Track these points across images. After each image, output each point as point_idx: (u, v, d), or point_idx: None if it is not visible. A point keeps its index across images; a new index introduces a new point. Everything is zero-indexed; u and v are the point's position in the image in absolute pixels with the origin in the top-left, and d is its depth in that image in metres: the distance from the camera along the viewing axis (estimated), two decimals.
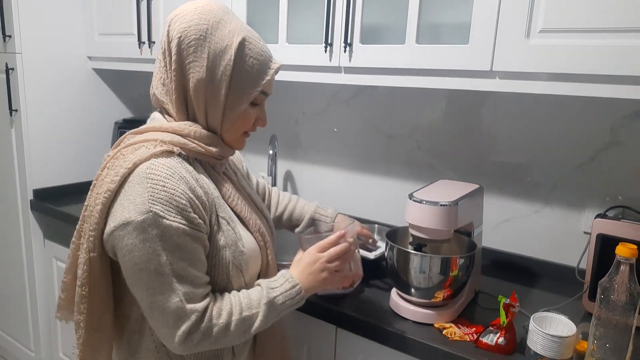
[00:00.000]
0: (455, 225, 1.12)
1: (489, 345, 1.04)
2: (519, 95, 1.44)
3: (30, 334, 2.20)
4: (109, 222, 0.84)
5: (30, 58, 1.92)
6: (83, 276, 0.89)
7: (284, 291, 0.93)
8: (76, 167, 2.15)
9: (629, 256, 0.91)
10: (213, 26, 0.88)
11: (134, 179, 0.83)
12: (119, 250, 0.84)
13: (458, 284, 1.14)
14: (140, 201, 0.81)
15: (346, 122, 1.80)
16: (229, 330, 0.88)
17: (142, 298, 0.85)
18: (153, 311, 0.85)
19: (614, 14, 1.00)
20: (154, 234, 0.81)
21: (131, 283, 0.86)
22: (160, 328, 0.86)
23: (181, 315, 0.84)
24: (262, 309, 0.90)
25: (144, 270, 0.82)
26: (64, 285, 0.98)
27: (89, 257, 0.88)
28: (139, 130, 0.92)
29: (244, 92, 0.91)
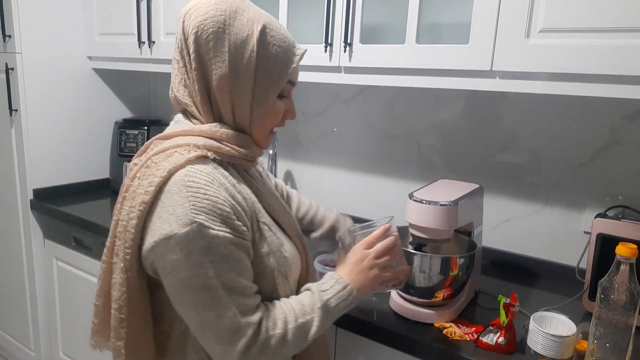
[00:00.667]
0: (455, 225, 1.12)
1: (489, 344, 1.04)
2: (519, 95, 1.44)
3: (30, 334, 2.20)
4: (148, 237, 0.78)
5: (30, 58, 1.92)
6: (121, 298, 0.82)
7: (335, 293, 0.88)
8: (76, 167, 2.15)
9: (629, 256, 0.91)
10: (231, 16, 0.82)
11: (171, 188, 0.77)
12: (160, 267, 0.78)
13: (458, 283, 1.14)
14: (182, 212, 0.75)
15: (346, 122, 1.80)
16: (287, 340, 0.83)
17: (191, 316, 0.79)
18: (205, 329, 0.78)
19: (614, 14, 1.00)
20: (199, 246, 0.75)
21: (177, 301, 0.80)
22: (214, 346, 0.79)
23: (236, 330, 0.78)
24: (317, 313, 0.85)
25: (190, 287, 0.76)
26: (97, 309, 0.90)
27: (126, 277, 0.81)
28: (167, 135, 0.86)
29: (271, 84, 0.85)
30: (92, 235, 1.83)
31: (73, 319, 2.01)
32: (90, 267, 1.87)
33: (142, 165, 0.82)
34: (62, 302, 2.04)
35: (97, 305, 0.90)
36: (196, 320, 0.79)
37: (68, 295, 2.00)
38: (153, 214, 0.77)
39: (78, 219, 1.85)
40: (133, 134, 2.11)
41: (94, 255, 1.85)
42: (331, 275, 0.92)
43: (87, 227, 1.82)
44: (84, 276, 1.90)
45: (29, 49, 1.91)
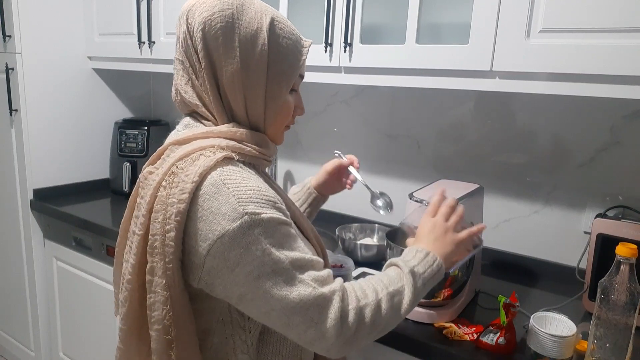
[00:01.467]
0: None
1: (489, 345, 1.04)
2: (519, 95, 1.44)
3: (30, 333, 2.20)
4: (199, 244, 0.72)
5: (30, 58, 1.92)
6: (166, 318, 0.75)
7: (420, 260, 0.84)
8: (76, 167, 2.15)
9: (629, 256, 0.91)
10: (238, 9, 0.78)
11: (208, 191, 0.73)
12: (221, 270, 0.72)
13: (458, 283, 1.14)
14: (229, 208, 0.71)
15: (346, 122, 1.80)
16: (381, 310, 0.77)
17: (269, 309, 0.73)
18: (290, 317, 0.73)
19: (614, 14, 1.00)
20: (256, 234, 0.71)
21: (250, 298, 0.73)
22: (306, 331, 0.73)
23: (322, 303, 0.73)
24: (408, 280, 0.80)
25: (262, 277, 0.72)
26: (123, 334, 0.82)
27: (169, 294, 0.74)
28: (184, 140, 0.81)
29: (284, 77, 0.82)
30: (92, 235, 1.83)
31: (73, 319, 2.01)
32: (90, 267, 1.87)
33: (166, 172, 0.76)
34: (62, 302, 2.04)
35: (123, 330, 0.82)
36: (277, 312, 0.73)
37: (68, 295, 2.00)
38: (194, 221, 0.73)
39: (78, 219, 1.85)
40: (133, 134, 2.11)
41: (94, 255, 1.85)
42: (409, 248, 0.88)
43: (87, 227, 1.82)
44: (84, 276, 1.90)
45: (29, 49, 1.91)
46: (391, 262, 0.87)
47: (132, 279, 0.78)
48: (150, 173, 0.80)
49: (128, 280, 0.78)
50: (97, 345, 1.93)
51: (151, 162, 0.83)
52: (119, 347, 0.84)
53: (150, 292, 0.76)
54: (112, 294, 1.79)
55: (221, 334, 0.82)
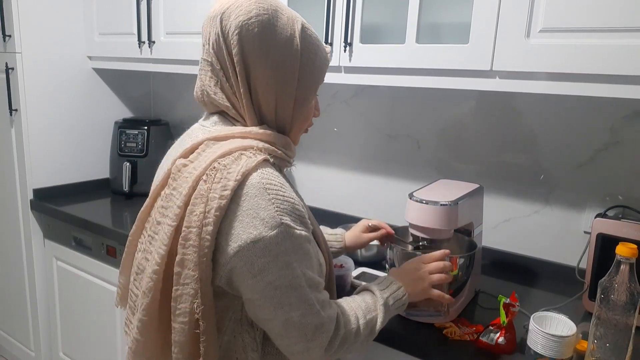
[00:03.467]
0: (455, 225, 1.12)
1: (489, 344, 1.04)
2: (519, 95, 1.44)
3: (30, 333, 2.20)
4: (229, 242, 0.74)
5: (30, 58, 1.92)
6: (197, 311, 0.75)
7: (392, 292, 0.93)
8: (76, 167, 2.15)
9: (629, 256, 0.91)
10: (273, 15, 0.79)
11: (249, 191, 0.74)
12: (245, 272, 0.74)
13: (458, 283, 1.14)
14: (267, 214, 0.73)
15: (346, 122, 1.80)
16: (359, 335, 0.86)
17: (275, 317, 0.77)
18: (288, 329, 0.77)
19: (614, 14, 1.00)
20: (287, 246, 0.74)
21: (260, 305, 0.76)
22: (295, 344, 0.79)
23: (319, 327, 0.79)
24: (380, 310, 0.90)
25: (279, 288, 0.75)
26: (143, 326, 0.81)
27: (199, 287, 0.75)
28: (222, 137, 0.82)
29: (313, 82, 0.84)
30: (92, 235, 1.83)
31: (73, 319, 2.01)
32: (90, 267, 1.87)
33: (208, 167, 0.77)
34: (62, 302, 2.04)
35: (143, 321, 0.81)
36: (280, 321, 0.77)
37: (68, 295, 2.00)
38: (229, 219, 0.74)
39: (78, 219, 1.85)
40: (133, 134, 2.11)
41: (94, 255, 1.85)
42: (386, 277, 0.98)
43: (87, 227, 1.82)
44: (84, 276, 1.90)
45: (29, 49, 1.91)
46: (369, 288, 0.95)
47: (159, 269, 0.78)
48: (184, 165, 0.80)
49: (155, 271, 0.78)
50: (97, 345, 1.93)
51: (184, 155, 0.83)
52: (136, 339, 0.83)
53: (177, 285, 0.76)
54: (112, 293, 1.80)
55: (231, 332, 0.83)
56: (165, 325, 0.81)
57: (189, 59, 1.75)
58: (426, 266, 1.00)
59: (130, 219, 1.86)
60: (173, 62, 1.82)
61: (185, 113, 2.29)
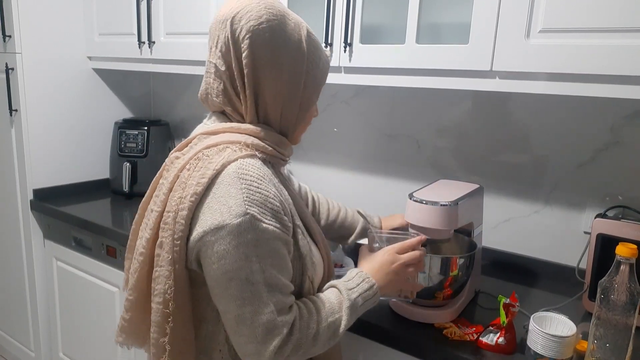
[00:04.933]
0: (455, 225, 1.12)
1: (489, 345, 1.04)
2: (519, 95, 1.44)
3: (30, 334, 2.20)
4: (196, 227, 0.77)
5: (30, 58, 1.92)
6: (168, 292, 0.79)
7: (362, 292, 0.89)
8: (76, 167, 2.15)
9: (629, 256, 0.91)
10: (282, 21, 0.81)
11: (224, 180, 0.77)
12: (206, 257, 0.77)
13: (458, 284, 1.14)
14: (235, 203, 0.75)
15: (346, 122, 1.80)
16: (318, 340, 0.83)
17: (229, 309, 0.78)
18: (240, 325, 0.77)
19: (614, 14, 1.00)
20: (249, 238, 0.75)
21: (217, 293, 0.79)
22: (247, 344, 0.78)
23: (271, 329, 0.77)
24: (345, 312, 0.86)
25: (234, 279, 0.75)
26: (130, 304, 0.86)
27: (173, 269, 0.78)
28: (213, 131, 0.85)
29: (317, 85, 0.87)
30: (92, 235, 1.83)
31: (73, 319, 2.01)
32: (90, 267, 1.87)
33: (193, 157, 0.80)
34: (62, 302, 2.04)
35: (130, 300, 0.86)
36: (233, 315, 0.77)
37: (68, 295, 2.00)
38: (203, 205, 0.77)
39: (78, 219, 1.85)
40: (133, 134, 2.11)
41: (94, 255, 1.85)
42: (357, 272, 0.92)
43: (87, 227, 1.82)
44: (84, 276, 1.90)
45: (29, 49, 1.91)
46: (335, 285, 0.90)
47: (144, 252, 0.82)
48: (177, 158, 0.85)
49: (141, 253, 0.83)
50: (97, 345, 1.93)
51: (178, 149, 0.87)
52: (123, 317, 0.88)
53: (157, 266, 0.80)
54: (112, 293, 1.80)
55: (215, 323, 0.86)
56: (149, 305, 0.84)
57: (189, 59, 1.75)
58: (401, 257, 0.95)
59: (131, 219, 1.86)
60: (173, 62, 1.82)
61: (185, 113, 2.29)
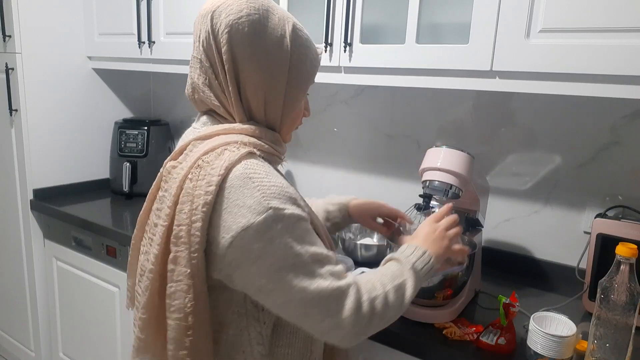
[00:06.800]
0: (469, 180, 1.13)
1: (489, 345, 1.04)
2: (519, 95, 1.44)
3: (30, 334, 2.20)
4: (221, 234, 0.75)
5: (30, 58, 1.92)
6: (187, 306, 0.77)
7: (419, 257, 0.89)
8: (76, 167, 2.15)
9: (629, 256, 0.91)
10: (264, 15, 0.80)
11: (234, 183, 0.75)
12: (242, 262, 0.75)
13: (458, 283, 1.14)
14: (254, 202, 0.74)
15: (346, 122, 1.80)
16: (389, 301, 0.82)
17: (290, 299, 0.76)
18: (307, 308, 0.76)
19: (614, 14, 1.00)
20: (279, 228, 0.74)
21: (270, 289, 0.76)
22: (322, 322, 0.77)
23: (339, 295, 0.77)
24: (409, 275, 0.86)
25: (283, 269, 0.75)
26: (143, 323, 0.83)
27: (192, 283, 0.76)
28: (206, 135, 0.83)
29: (303, 82, 0.85)
30: (92, 235, 1.83)
31: (73, 319, 2.01)
32: (90, 267, 1.87)
33: (193, 165, 0.78)
34: (62, 302, 2.04)
35: (143, 319, 0.83)
36: (296, 303, 0.76)
37: (68, 295, 2.00)
38: (218, 212, 0.75)
39: (78, 219, 1.85)
40: (133, 134, 2.11)
41: (94, 255, 1.85)
42: (407, 245, 0.93)
43: (87, 227, 1.82)
44: (84, 276, 1.90)
45: (29, 49, 1.91)
46: (392, 257, 0.91)
47: (154, 268, 0.80)
48: (173, 167, 0.82)
49: (150, 270, 0.80)
50: (97, 345, 1.93)
51: (173, 157, 0.85)
52: (139, 337, 0.85)
53: (171, 282, 0.78)
54: (112, 293, 1.80)
55: (237, 326, 0.84)
56: (163, 322, 0.82)
57: (189, 59, 1.75)
58: (439, 224, 0.97)
59: (131, 219, 1.86)
60: (173, 62, 1.82)
61: (185, 113, 2.29)
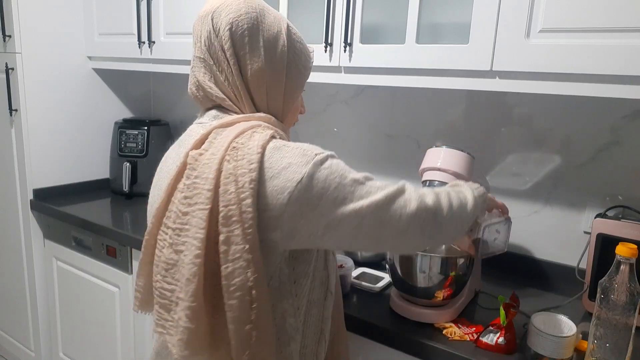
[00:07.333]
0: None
1: (489, 345, 1.04)
2: (518, 95, 1.44)
3: (30, 334, 2.20)
4: (276, 197, 0.78)
5: (30, 58, 1.92)
6: (250, 279, 0.78)
7: (473, 187, 0.95)
8: (76, 167, 2.15)
9: (629, 256, 0.91)
10: (261, 14, 0.87)
11: (272, 155, 0.79)
12: (304, 210, 0.78)
13: (458, 283, 1.14)
14: (297, 159, 0.79)
15: (346, 122, 1.80)
16: (451, 199, 0.87)
17: (360, 220, 0.79)
18: (382, 214, 0.80)
19: (614, 14, 1.00)
20: (327, 166, 0.80)
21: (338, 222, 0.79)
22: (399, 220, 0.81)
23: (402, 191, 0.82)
24: (466, 189, 0.92)
25: (346, 198, 0.79)
26: (193, 312, 0.79)
27: (252, 257, 0.77)
28: (228, 122, 0.86)
29: (299, 76, 0.91)
30: (92, 235, 1.83)
31: (73, 319, 2.01)
32: (90, 267, 1.87)
33: (227, 148, 0.80)
34: (62, 302, 2.04)
35: (192, 307, 0.79)
36: (369, 217, 0.79)
37: (68, 295, 2.00)
38: (264, 183, 0.78)
39: (78, 219, 1.85)
40: (133, 134, 2.11)
41: (94, 255, 1.85)
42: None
43: (87, 227, 1.82)
44: (84, 276, 1.90)
45: (29, 49, 1.91)
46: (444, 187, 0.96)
47: (201, 253, 0.78)
48: (200, 154, 0.82)
49: (197, 255, 0.78)
50: (97, 345, 1.93)
51: (196, 146, 0.84)
52: (188, 327, 0.80)
53: (226, 262, 0.78)
54: (112, 293, 1.80)
55: (271, 300, 0.85)
56: (211, 308, 0.81)
57: (189, 59, 1.75)
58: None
59: (131, 219, 1.86)
60: (173, 62, 1.82)
61: (185, 113, 2.29)
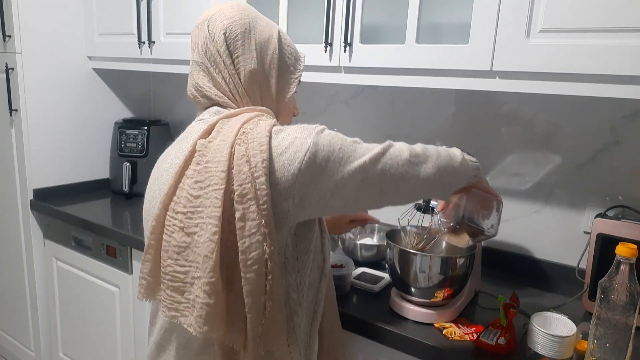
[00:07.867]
0: None
1: (489, 345, 1.04)
2: (518, 95, 1.44)
3: (30, 334, 2.20)
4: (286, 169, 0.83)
5: (30, 58, 1.92)
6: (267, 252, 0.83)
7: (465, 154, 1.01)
8: (76, 167, 2.15)
9: (629, 256, 0.91)
10: (253, 20, 0.94)
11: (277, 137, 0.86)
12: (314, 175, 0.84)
13: (458, 283, 1.14)
14: (299, 133, 0.85)
15: (346, 122, 1.80)
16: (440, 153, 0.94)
17: (365, 174, 0.87)
18: (385, 172, 0.89)
19: (614, 14, 1.00)
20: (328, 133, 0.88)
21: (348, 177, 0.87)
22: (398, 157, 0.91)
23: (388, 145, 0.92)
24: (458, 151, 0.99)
25: (351, 156, 0.88)
26: (212, 287, 0.82)
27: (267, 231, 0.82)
28: (234, 113, 0.92)
29: (290, 79, 0.98)
30: (92, 235, 1.83)
31: (73, 319, 2.01)
32: (90, 267, 1.87)
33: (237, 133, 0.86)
34: (62, 302, 2.04)
35: (211, 282, 0.82)
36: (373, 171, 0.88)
37: (68, 295, 2.00)
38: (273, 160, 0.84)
39: (78, 219, 1.85)
40: (133, 134, 2.11)
41: (94, 255, 1.85)
42: None
43: (87, 227, 1.82)
44: (84, 276, 1.90)
45: (29, 49, 1.91)
46: None
47: (218, 230, 0.83)
48: (209, 142, 0.88)
49: (214, 232, 0.82)
50: (97, 345, 1.93)
51: (203, 135, 0.90)
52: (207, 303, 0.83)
53: (242, 238, 0.82)
54: (112, 293, 1.80)
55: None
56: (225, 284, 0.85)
57: (189, 59, 1.75)
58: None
59: (131, 219, 1.86)
60: (173, 62, 1.82)
61: (185, 113, 2.29)
